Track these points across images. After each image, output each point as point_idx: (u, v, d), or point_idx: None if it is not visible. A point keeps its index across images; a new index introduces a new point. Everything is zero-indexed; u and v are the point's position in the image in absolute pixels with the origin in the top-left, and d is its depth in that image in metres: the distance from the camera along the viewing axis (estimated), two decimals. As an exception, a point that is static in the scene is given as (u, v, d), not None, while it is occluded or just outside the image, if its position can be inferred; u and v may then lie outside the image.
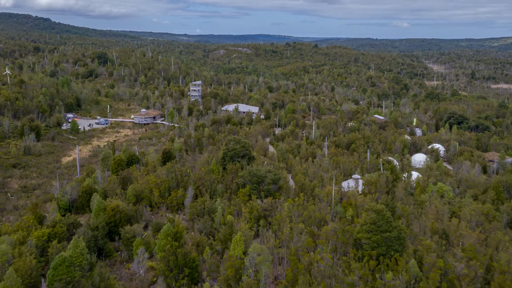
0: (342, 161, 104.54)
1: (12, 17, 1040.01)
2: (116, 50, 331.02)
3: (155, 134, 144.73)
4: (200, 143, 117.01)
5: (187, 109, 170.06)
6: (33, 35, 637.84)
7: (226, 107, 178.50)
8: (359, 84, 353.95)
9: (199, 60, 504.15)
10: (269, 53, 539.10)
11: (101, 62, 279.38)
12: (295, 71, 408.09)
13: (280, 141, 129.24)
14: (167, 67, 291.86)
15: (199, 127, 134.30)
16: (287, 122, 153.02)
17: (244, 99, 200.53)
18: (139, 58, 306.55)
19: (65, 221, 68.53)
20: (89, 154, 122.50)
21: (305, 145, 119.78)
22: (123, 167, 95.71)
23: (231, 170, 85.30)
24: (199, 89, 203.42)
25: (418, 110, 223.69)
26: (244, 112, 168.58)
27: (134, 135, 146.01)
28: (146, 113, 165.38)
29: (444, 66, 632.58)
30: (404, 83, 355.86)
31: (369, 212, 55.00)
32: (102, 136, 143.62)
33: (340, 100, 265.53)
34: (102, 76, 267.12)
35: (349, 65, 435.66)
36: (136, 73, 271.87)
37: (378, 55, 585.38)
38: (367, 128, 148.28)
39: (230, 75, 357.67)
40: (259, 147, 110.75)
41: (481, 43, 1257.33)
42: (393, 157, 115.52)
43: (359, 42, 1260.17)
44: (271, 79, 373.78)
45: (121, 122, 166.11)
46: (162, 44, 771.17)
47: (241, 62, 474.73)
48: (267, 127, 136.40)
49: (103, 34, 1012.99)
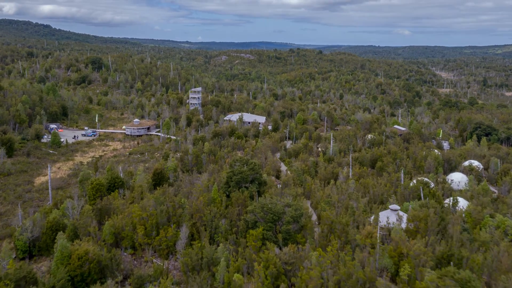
0: (371, 184, 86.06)
1: (12, 23, 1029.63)
2: (113, 55, 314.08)
3: (148, 148, 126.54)
4: (199, 161, 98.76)
5: (186, 119, 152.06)
6: (30, 41, 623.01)
7: (229, 116, 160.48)
8: (369, 91, 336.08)
9: (200, 66, 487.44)
10: (273, 59, 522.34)
11: (96, 67, 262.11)
12: (300, 78, 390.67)
13: (293, 157, 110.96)
14: (165, 73, 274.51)
15: (198, 140, 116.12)
16: (299, 134, 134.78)
17: (249, 108, 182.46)
18: (137, 64, 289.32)
19: (14, 275, 50.39)
20: (69, 173, 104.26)
21: (323, 163, 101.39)
22: (103, 192, 77.52)
23: (237, 201, 66.88)
24: (199, 96, 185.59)
25: (438, 119, 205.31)
26: (250, 122, 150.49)
27: (124, 149, 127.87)
28: (139, 123, 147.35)
29: (452, 73, 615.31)
30: (415, 91, 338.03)
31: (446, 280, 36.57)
32: (87, 151, 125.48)
33: (351, 109, 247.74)
34: (96, 83, 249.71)
35: (356, 72, 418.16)
36: (132, 80, 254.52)
37: (385, 62, 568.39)
38: (390, 142, 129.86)
39: (233, 81, 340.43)
40: (270, 166, 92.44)
41: (485, 50, 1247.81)
42: (426, 177, 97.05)
43: (361, 49, 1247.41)
44: (276, 86, 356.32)
45: (111, 133, 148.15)
46: (163, 50, 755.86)
47: (243, 68, 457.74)
48: (276, 140, 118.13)
49: (104, 40, 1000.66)
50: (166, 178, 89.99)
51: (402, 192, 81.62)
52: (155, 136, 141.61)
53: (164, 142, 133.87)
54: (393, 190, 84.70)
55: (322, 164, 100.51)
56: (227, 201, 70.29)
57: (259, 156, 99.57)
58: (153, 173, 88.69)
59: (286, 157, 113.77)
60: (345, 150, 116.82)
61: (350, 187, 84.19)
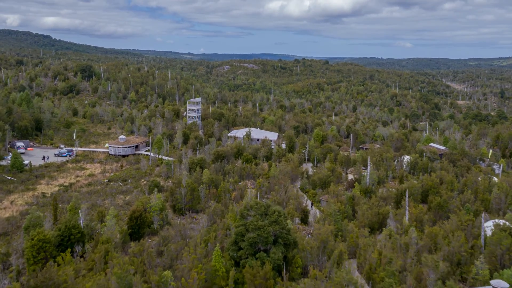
0: (440, 234, 60.06)
1: (12, 34, 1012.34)
2: (106, 63, 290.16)
3: (133, 173, 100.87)
4: (195, 196, 73.03)
5: (182, 135, 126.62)
6: (26, 50, 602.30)
7: (234, 132, 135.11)
8: (383, 103, 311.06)
9: (201, 76, 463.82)
10: (278, 69, 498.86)
11: (86, 76, 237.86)
12: (308, 89, 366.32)
13: (319, 187, 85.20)
14: (163, 83, 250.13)
15: (196, 164, 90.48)
16: (321, 155, 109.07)
17: (257, 122, 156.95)
18: (132, 73, 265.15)
19: None
20: (23, 210, 78.47)
21: (362, 198, 75.49)
22: (49, 253, 51.95)
23: (253, 280, 41.18)
24: (198, 108, 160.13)
25: (472, 135, 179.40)
26: (259, 139, 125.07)
27: (104, 175, 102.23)
28: (125, 140, 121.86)
29: (463, 85, 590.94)
30: (434, 102, 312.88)
31: None
32: (57, 176, 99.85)
33: (369, 122, 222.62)
34: (85, 92, 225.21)
35: (367, 82, 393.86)
36: (126, 89, 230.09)
37: (395, 73, 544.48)
38: (437, 165, 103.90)
39: (236, 92, 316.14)
40: (293, 206, 66.55)
41: (489, 62, 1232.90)
42: (501, 218, 71.12)
43: (365, 61, 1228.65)
44: (282, 97, 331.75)
45: (91, 153, 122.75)
46: (164, 61, 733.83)
47: (247, 78, 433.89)
48: (296, 165, 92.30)
49: (105, 51, 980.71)
50: (148, 223, 64.30)
51: (492, 252, 55.55)
52: (144, 157, 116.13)
53: (154, 164, 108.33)
54: (471, 245, 58.70)
55: (361, 200, 74.58)
56: (237, 272, 44.65)
57: (277, 189, 73.85)
58: (130, 216, 63.06)
59: (309, 186, 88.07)
60: (384, 179, 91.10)
61: (412, 240, 58.27)
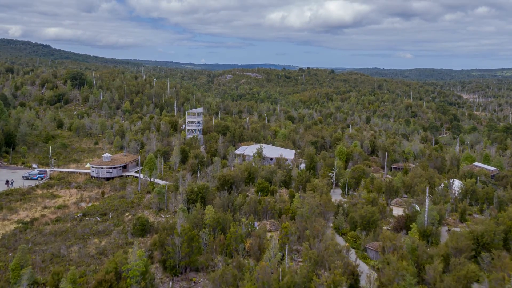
0: None
1: (11, 43, 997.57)
2: (100, 71, 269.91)
3: (115, 204, 79.13)
4: (195, 248, 51.30)
5: (180, 152, 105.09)
6: (21, 59, 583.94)
7: (242, 149, 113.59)
8: (397, 114, 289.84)
9: (202, 85, 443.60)
10: (282, 78, 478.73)
11: (76, 84, 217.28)
12: (315, 98, 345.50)
13: (360, 228, 63.44)
14: (161, 92, 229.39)
15: (197, 194, 68.89)
16: (352, 179, 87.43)
17: (267, 136, 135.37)
18: (128, 81, 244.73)
19: None
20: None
21: (422, 247, 53.59)
22: None
23: None
24: (199, 120, 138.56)
25: (510, 152, 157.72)
26: (273, 158, 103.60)
27: (79, 205, 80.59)
28: (110, 160, 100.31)
29: (473, 95, 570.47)
30: (452, 113, 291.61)
31: None
32: (18, 208, 78.19)
33: (388, 135, 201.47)
34: (74, 102, 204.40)
35: (378, 92, 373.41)
36: (120, 99, 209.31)
37: (403, 82, 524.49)
38: (500, 193, 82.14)
39: (240, 102, 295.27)
40: (340, 269, 44.69)
41: (493, 73, 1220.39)
42: None
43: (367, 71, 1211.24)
44: (289, 107, 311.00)
45: (69, 174, 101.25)
46: (164, 70, 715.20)
47: (251, 88, 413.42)
48: (328, 198, 70.37)
49: (105, 61, 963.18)
50: (122, 297, 42.53)
51: None
52: (132, 180, 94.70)
53: (144, 190, 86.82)
54: None
55: (424, 251, 52.64)
56: None
57: (309, 237, 52.16)
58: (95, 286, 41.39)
59: (346, 226, 66.38)
60: (443, 216, 69.37)
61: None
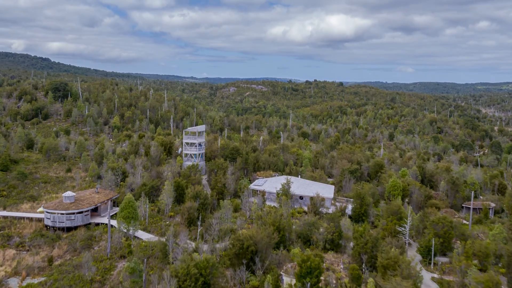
0: None
1: (9, 56, 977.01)
2: (91, 82, 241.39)
3: (64, 285, 48.68)
4: None
5: (173, 188, 74.74)
6: (14, 71, 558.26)
7: (259, 182, 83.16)
8: (421, 130, 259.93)
9: (204, 98, 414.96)
10: (289, 91, 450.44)
11: (60, 96, 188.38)
12: (328, 112, 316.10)
13: None
14: (157, 105, 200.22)
15: (195, 281, 38.63)
16: (436, 237, 56.89)
17: (288, 160, 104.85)
18: (120, 93, 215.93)
19: None
20: None
21: None
22: None
23: None
24: (201, 142, 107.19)
25: None
26: (303, 197, 73.30)
27: (6, 284, 50.20)
28: (73, 201, 70.00)
29: (489, 109, 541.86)
30: (483, 129, 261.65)
31: None
32: None
33: (421, 156, 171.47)
34: (55, 117, 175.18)
35: (395, 105, 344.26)
36: (109, 113, 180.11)
37: (417, 95, 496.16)
38: None
39: (246, 116, 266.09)
40: None
41: (498, 86, 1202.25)
42: None
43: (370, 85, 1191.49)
44: (300, 121, 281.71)
45: (16, 221, 71.07)
46: (165, 83, 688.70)
47: (256, 101, 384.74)
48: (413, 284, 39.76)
49: (105, 74, 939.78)
50: None
51: None
52: (104, 231, 64.54)
53: (117, 253, 56.56)
54: None
55: None
56: None
57: None
58: None
59: None
60: None
61: None
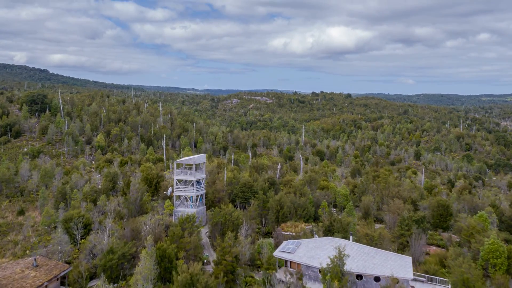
0: None
1: (7, 67, 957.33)
2: (77, 94, 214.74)
3: None
4: None
5: (155, 262, 46.64)
6: (7, 82, 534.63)
7: (289, 247, 54.69)
8: (447, 147, 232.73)
9: (205, 111, 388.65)
10: (295, 103, 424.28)
11: (37, 110, 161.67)
12: (340, 126, 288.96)
13: None
14: (151, 120, 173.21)
15: None
16: None
17: (320, 201, 77.14)
18: (110, 106, 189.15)
19: None
20: None
21: None
22: None
23: None
24: (200, 178, 73.02)
25: None
26: (365, 277, 44.94)
27: None
28: None
29: (505, 122, 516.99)
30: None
31: None
32: None
33: (460, 178, 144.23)
34: (28, 134, 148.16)
35: (415, 119, 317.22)
36: (93, 130, 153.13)
37: (429, 107, 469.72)
38: None
39: (252, 131, 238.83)
40: None
41: (503, 98, 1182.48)
42: None
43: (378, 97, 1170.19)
44: (310, 136, 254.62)
45: None
46: (165, 95, 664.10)
47: (261, 114, 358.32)
48: None
49: (104, 86, 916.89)
50: None
51: None
52: None
53: None
54: None
55: None
56: None
57: None
58: None
59: None
60: None
61: None
